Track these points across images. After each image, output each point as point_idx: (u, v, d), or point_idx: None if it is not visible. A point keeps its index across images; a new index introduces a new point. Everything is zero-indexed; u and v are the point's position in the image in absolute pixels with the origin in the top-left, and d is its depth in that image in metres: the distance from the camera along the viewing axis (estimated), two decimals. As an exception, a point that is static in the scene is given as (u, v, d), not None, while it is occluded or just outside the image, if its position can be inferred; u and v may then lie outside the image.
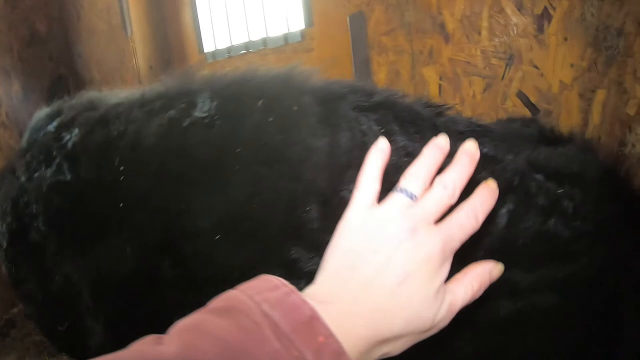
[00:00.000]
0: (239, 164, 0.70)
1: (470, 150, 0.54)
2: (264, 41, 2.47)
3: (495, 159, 0.69)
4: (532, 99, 1.43)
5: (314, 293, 0.47)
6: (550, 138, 0.84)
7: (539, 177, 0.69)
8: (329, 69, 2.06)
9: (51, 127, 0.86)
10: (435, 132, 0.69)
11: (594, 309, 0.67)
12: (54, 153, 0.82)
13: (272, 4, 2.44)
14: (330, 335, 0.41)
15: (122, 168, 0.74)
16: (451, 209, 0.54)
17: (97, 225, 0.77)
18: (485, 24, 1.47)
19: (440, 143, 0.55)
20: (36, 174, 0.83)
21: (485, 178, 0.59)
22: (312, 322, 0.41)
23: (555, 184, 0.68)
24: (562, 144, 0.80)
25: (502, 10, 1.43)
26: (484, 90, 1.52)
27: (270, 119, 0.71)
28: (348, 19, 1.80)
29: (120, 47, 3.19)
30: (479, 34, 1.49)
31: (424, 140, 0.67)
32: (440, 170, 0.56)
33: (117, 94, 0.88)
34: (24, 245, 0.86)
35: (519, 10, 1.40)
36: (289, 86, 0.75)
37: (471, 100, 1.55)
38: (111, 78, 3.43)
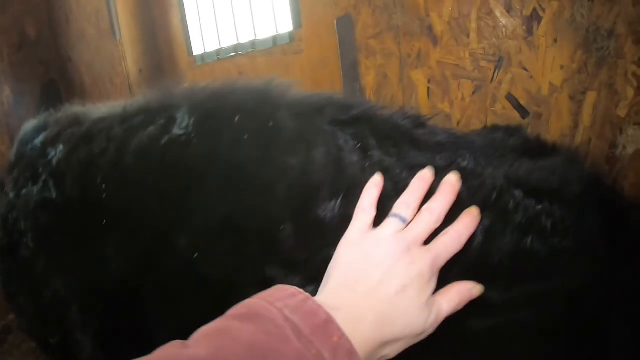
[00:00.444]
0: (215, 182, 0.71)
1: (452, 182, 0.61)
2: (253, 43, 2.43)
3: (475, 174, 0.69)
4: (522, 102, 1.40)
5: (324, 301, 0.51)
6: (535, 148, 0.82)
7: (517, 193, 0.67)
8: (318, 70, 2.03)
9: (37, 142, 0.87)
10: (413, 146, 0.73)
11: (575, 324, 0.66)
12: (40, 170, 0.83)
13: (261, 6, 2.41)
14: (343, 335, 0.46)
15: (104, 186, 0.74)
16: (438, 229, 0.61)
17: (82, 242, 0.77)
18: (473, 26, 1.43)
19: (425, 176, 0.62)
20: (24, 191, 0.84)
21: (463, 193, 0.64)
22: (327, 324, 0.46)
23: (535, 200, 0.66)
24: (547, 154, 0.78)
25: (490, 12, 1.39)
26: (473, 93, 1.48)
27: (246, 137, 0.71)
28: (335, 22, 1.76)
29: (110, 51, 3.14)
30: (468, 36, 1.45)
31: (401, 155, 0.71)
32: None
33: (101, 109, 0.88)
34: (15, 261, 0.87)
35: (507, 12, 1.36)
36: (265, 101, 0.75)
37: (460, 103, 1.52)
38: (101, 82, 3.38)
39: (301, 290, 0.51)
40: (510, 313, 0.63)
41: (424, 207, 0.59)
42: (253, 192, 0.69)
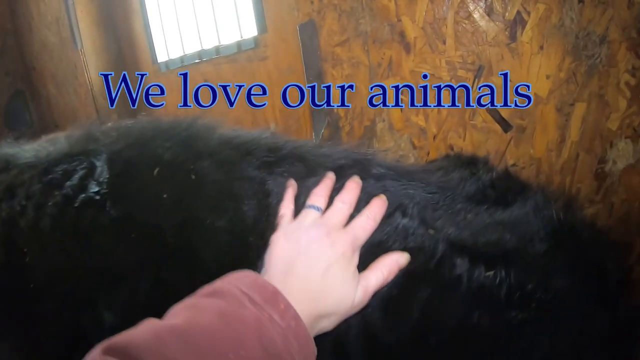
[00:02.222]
0: (133, 253, 0.62)
1: (357, 180, 0.64)
2: (217, 49, 2.18)
3: (414, 236, 0.59)
4: (504, 114, 1.18)
5: None
6: (497, 193, 0.69)
7: (460, 261, 0.56)
8: (285, 77, 1.78)
9: None
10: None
11: None
12: (-29, 226, 0.76)
13: (224, 11, 2.15)
14: (288, 304, 0.51)
15: (25, 249, 0.68)
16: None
17: (14, 309, 0.71)
18: (450, 31, 1.20)
19: (331, 177, 0.65)
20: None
21: (404, 255, 0.58)
22: (275, 295, 0.52)
23: (484, 267, 0.55)
24: (512, 197, 0.67)
25: (469, 16, 1.16)
26: (451, 105, 1.26)
27: (165, 195, 0.62)
28: (297, 29, 1.51)
29: (72, 61, 2.82)
30: (444, 42, 1.22)
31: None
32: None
33: (29, 151, 0.79)
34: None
35: (488, 15, 1.14)
36: (188, 147, 0.66)
37: (436, 116, 1.28)
38: (66, 93, 3.07)
39: (252, 271, 0.55)
40: None
41: (335, 198, 0.62)
42: (176, 264, 0.61)
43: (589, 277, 0.59)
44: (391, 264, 0.57)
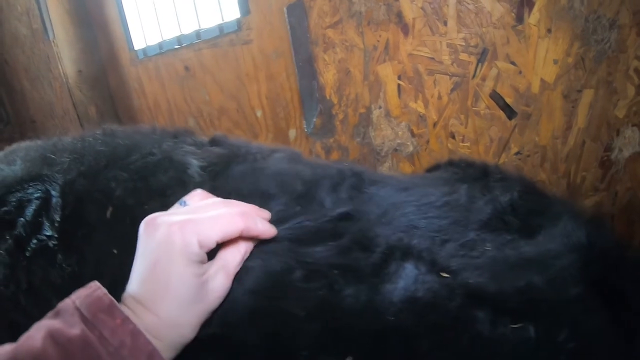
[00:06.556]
0: None
1: (271, 230, 0.55)
2: (198, 33, 2.02)
3: (423, 284, 0.45)
4: (509, 100, 1.09)
5: (127, 292, 0.50)
6: (518, 219, 0.55)
7: (482, 314, 0.44)
8: (271, 62, 1.65)
9: None
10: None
11: None
12: None
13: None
14: (125, 318, 0.45)
15: None
16: None
17: None
18: (452, 11, 1.09)
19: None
20: None
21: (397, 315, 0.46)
22: (111, 309, 0.46)
23: (509, 318, 0.44)
24: (536, 219, 0.55)
25: (473, -4, 1.06)
26: (452, 90, 1.15)
27: (115, 252, 0.53)
28: (285, 10, 1.38)
29: (45, 52, 2.62)
30: (445, 24, 1.11)
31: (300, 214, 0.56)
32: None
33: None
34: None
35: (494, -5, 1.04)
36: (142, 182, 0.57)
37: (436, 103, 1.18)
38: (40, 86, 2.85)
39: (98, 285, 0.49)
40: None
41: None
42: None
43: (613, 307, 0.50)
44: (247, 241, 0.53)
